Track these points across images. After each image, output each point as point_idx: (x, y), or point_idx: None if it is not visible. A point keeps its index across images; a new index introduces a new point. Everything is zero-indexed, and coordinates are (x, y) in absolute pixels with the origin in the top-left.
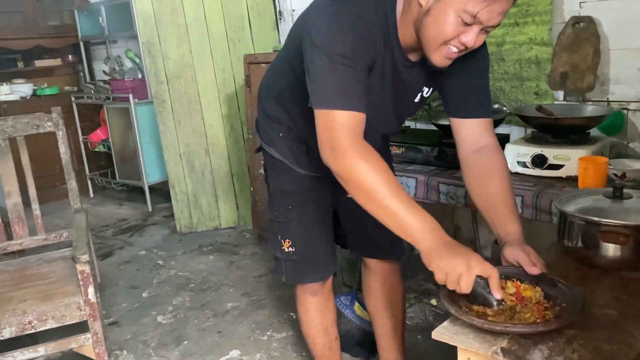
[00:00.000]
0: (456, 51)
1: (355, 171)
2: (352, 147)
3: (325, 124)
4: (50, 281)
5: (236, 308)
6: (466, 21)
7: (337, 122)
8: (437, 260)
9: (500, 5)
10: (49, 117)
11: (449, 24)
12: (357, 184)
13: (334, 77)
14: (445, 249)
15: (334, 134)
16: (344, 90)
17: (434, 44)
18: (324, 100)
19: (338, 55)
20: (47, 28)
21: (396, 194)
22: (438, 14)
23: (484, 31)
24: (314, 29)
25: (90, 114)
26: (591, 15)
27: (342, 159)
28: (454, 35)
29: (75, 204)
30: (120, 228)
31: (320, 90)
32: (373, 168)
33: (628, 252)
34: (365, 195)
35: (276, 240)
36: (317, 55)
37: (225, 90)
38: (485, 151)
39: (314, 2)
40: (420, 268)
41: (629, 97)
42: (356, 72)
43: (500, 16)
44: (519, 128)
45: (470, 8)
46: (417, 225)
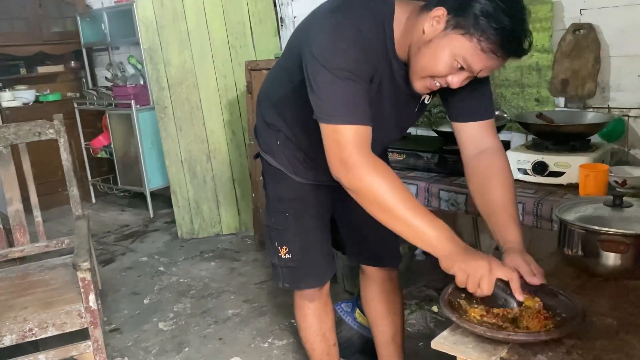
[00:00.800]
0: (439, 86)
1: (368, 186)
2: (363, 161)
3: (334, 139)
4: (51, 288)
5: (237, 315)
6: (460, 67)
7: (346, 137)
8: (459, 263)
9: (496, 63)
10: (50, 125)
11: (443, 63)
12: (370, 198)
13: (339, 92)
14: (465, 253)
15: (343, 149)
16: (350, 104)
17: (421, 73)
18: (331, 115)
19: (341, 70)
20: (50, 34)
21: (410, 205)
22: (437, 50)
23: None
24: (314, 41)
25: (92, 120)
26: (591, 22)
27: (354, 174)
28: (443, 74)
29: (77, 211)
30: (122, 234)
31: (326, 105)
32: (385, 181)
33: (628, 261)
34: (380, 208)
35: (273, 247)
36: (320, 69)
37: (226, 97)
38: (487, 154)
39: (312, 12)
40: (422, 274)
41: (630, 103)
42: (359, 85)
43: (489, 71)
44: (520, 135)
45: (469, 59)
46: (433, 234)
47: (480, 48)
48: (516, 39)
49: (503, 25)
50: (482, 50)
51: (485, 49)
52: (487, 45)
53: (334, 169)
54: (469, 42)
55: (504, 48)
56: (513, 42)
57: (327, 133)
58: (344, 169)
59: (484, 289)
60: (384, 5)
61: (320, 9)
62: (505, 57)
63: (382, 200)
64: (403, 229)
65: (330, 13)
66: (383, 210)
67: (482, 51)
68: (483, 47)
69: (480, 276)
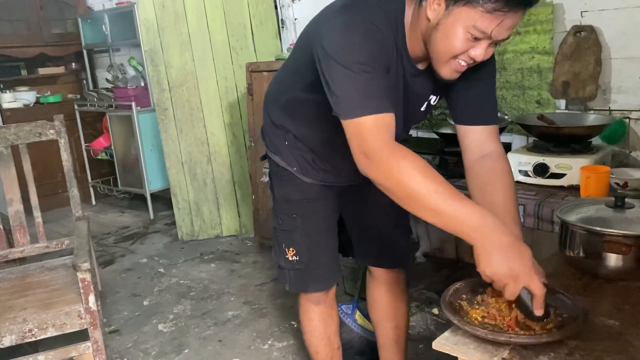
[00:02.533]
0: (465, 65)
1: (394, 173)
2: (386, 148)
3: (355, 132)
4: (51, 289)
5: (237, 317)
6: (476, 36)
7: (366, 128)
8: (484, 266)
9: (510, 20)
10: (51, 125)
11: (458, 39)
12: (401, 190)
13: (355, 86)
14: (498, 251)
15: (364, 140)
16: (368, 97)
17: (443, 58)
18: (350, 110)
19: (356, 64)
20: (51, 36)
21: (442, 191)
22: (447, 29)
23: (493, 44)
24: (326, 40)
25: (92, 121)
26: (592, 24)
27: (378, 164)
28: (462, 50)
29: (77, 212)
30: (122, 236)
31: (344, 101)
32: (412, 166)
33: (630, 262)
34: (409, 197)
35: (280, 249)
36: (335, 66)
37: (227, 98)
38: (489, 158)
39: (321, 12)
40: (422, 277)
41: (631, 106)
42: (376, 75)
43: (510, 30)
44: (521, 137)
45: (479, 25)
46: (468, 223)
47: (486, 10)
48: None
49: None
50: (488, 12)
51: (491, 9)
52: (491, 5)
53: (359, 163)
54: (473, 10)
55: (509, 2)
56: None
57: (349, 129)
58: (368, 161)
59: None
60: (395, 2)
61: (328, 8)
62: (515, 10)
63: (409, 187)
64: (434, 217)
65: (340, 11)
66: (411, 198)
67: (489, 12)
68: (488, 9)
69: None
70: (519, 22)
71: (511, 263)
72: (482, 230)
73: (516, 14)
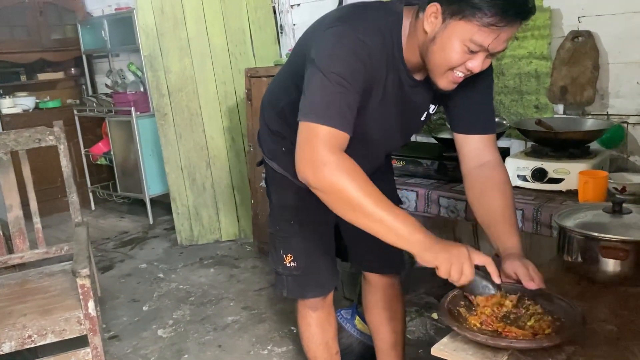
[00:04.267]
0: (462, 76)
1: (335, 184)
2: (331, 160)
3: (307, 137)
4: (50, 295)
5: (236, 322)
6: (472, 50)
7: (319, 137)
8: (442, 252)
9: (506, 34)
10: (50, 131)
11: (454, 52)
12: (338, 196)
13: (324, 93)
14: (441, 244)
15: (314, 149)
16: (333, 108)
17: (440, 70)
18: (310, 114)
19: (334, 74)
20: (50, 42)
21: (379, 201)
22: (444, 42)
23: (490, 56)
24: (316, 47)
25: (92, 126)
26: (590, 29)
27: (321, 173)
28: (459, 62)
29: (76, 217)
30: (121, 241)
31: (308, 104)
32: (353, 179)
33: (628, 267)
34: (348, 206)
35: (278, 255)
36: (314, 71)
37: (226, 103)
38: (487, 167)
39: (318, 20)
40: (422, 281)
41: (629, 110)
42: (349, 94)
43: (506, 42)
44: (519, 141)
45: (476, 39)
46: (407, 229)
47: (482, 24)
48: (513, 3)
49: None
50: (484, 26)
51: (487, 24)
52: (487, 20)
53: (300, 167)
54: (469, 24)
55: (504, 16)
56: (511, 8)
57: (302, 130)
58: (311, 168)
59: (467, 275)
60: (392, 15)
61: (326, 17)
62: (511, 24)
63: (350, 197)
64: (374, 226)
65: (336, 22)
66: (352, 208)
67: (486, 27)
68: (484, 23)
69: (461, 263)
70: (515, 34)
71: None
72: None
73: (512, 28)
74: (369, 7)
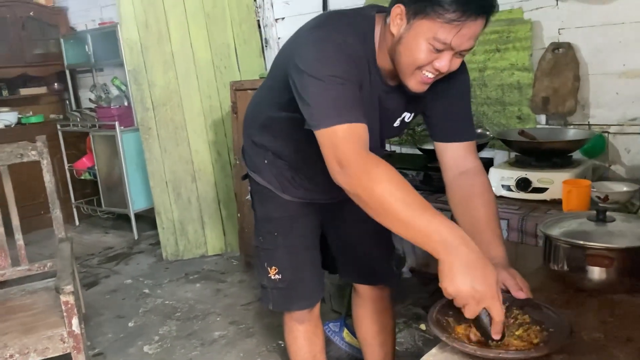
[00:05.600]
0: (431, 76)
1: (366, 181)
2: (359, 157)
3: (328, 141)
4: (33, 313)
5: (224, 337)
6: (438, 48)
7: (339, 137)
8: (447, 282)
9: (468, 30)
10: (33, 146)
11: (420, 52)
12: (368, 194)
13: (329, 97)
14: (463, 268)
15: (338, 149)
16: (341, 106)
17: (408, 70)
18: (323, 120)
19: (329, 76)
20: (33, 56)
21: (413, 203)
22: (409, 42)
23: (458, 55)
24: (299, 57)
25: (76, 141)
26: (570, 41)
27: (350, 171)
28: (426, 61)
29: (60, 233)
30: (106, 256)
31: (317, 112)
32: (384, 175)
33: (613, 275)
34: (379, 205)
35: (262, 268)
36: (308, 79)
37: (211, 117)
38: (469, 174)
39: (296, 31)
40: (409, 292)
41: (609, 120)
42: (349, 88)
43: (472, 40)
44: (503, 152)
45: (440, 36)
46: (436, 237)
47: (444, 21)
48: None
49: None
50: (446, 22)
51: (449, 20)
52: (449, 16)
53: (332, 172)
54: (432, 22)
55: (465, 11)
56: (472, 2)
57: (323, 138)
58: (341, 170)
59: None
60: (365, 20)
61: (302, 28)
62: (473, 20)
63: (381, 199)
64: (406, 230)
65: (313, 29)
66: (384, 211)
67: (447, 23)
68: (446, 19)
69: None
70: (480, 31)
71: (475, 283)
72: (449, 245)
73: (475, 23)
74: (344, 13)
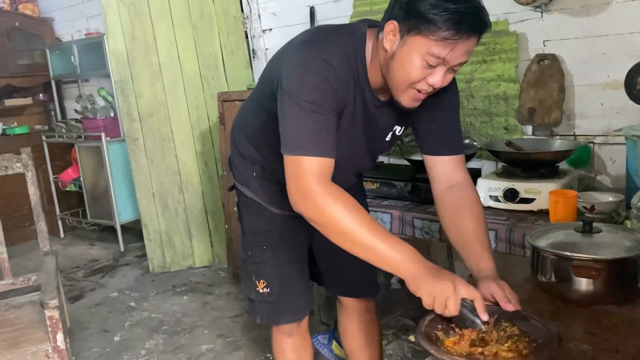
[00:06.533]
0: (424, 92)
1: (327, 213)
2: (321, 190)
3: (294, 170)
4: (16, 328)
5: (211, 350)
6: (431, 63)
7: (305, 168)
8: (425, 285)
9: (463, 46)
10: (17, 158)
11: (414, 68)
12: (331, 225)
13: (302, 124)
14: (430, 274)
15: (302, 180)
16: (312, 137)
17: (401, 87)
18: (293, 147)
19: (306, 103)
20: (18, 67)
21: (371, 229)
22: (403, 59)
23: (451, 70)
24: (284, 75)
25: (61, 153)
26: (555, 52)
27: (313, 203)
28: (420, 78)
29: (45, 246)
30: (92, 269)
31: (289, 137)
32: (345, 207)
33: (600, 286)
34: (342, 235)
35: (250, 281)
36: (288, 101)
37: (199, 128)
38: (458, 188)
39: (284, 45)
40: (398, 303)
41: (594, 131)
42: (325, 118)
43: (466, 55)
44: (490, 162)
45: (434, 51)
46: (398, 257)
47: (438, 39)
48: (467, 17)
49: (449, 10)
50: (441, 40)
51: (442, 38)
52: (442, 34)
53: (293, 200)
54: (425, 39)
55: (458, 30)
56: (465, 21)
57: (288, 164)
58: (302, 200)
59: (450, 310)
60: (354, 37)
61: (291, 42)
62: (466, 38)
63: (342, 226)
64: (367, 254)
65: (300, 46)
66: (345, 238)
67: (442, 41)
68: (439, 37)
69: (445, 297)
70: (474, 47)
71: (446, 278)
72: (411, 261)
73: (468, 41)
74: (334, 30)
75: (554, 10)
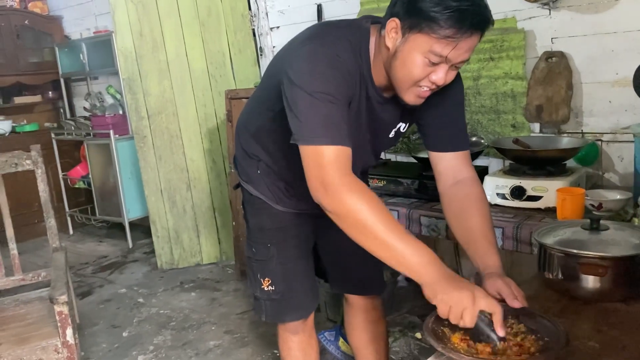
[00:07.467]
0: (427, 90)
1: (348, 208)
2: (344, 183)
3: (314, 160)
4: (26, 323)
5: (219, 346)
6: (433, 61)
7: (326, 158)
8: (442, 294)
9: (465, 43)
10: (27, 156)
11: (416, 66)
12: (351, 220)
13: (318, 114)
14: (448, 282)
15: (323, 170)
16: (330, 126)
17: (404, 85)
18: (311, 137)
19: (320, 93)
20: (27, 65)
21: (391, 227)
22: (405, 57)
23: (453, 67)
24: (292, 68)
25: (70, 150)
26: (563, 50)
27: (334, 196)
28: (422, 76)
29: (54, 243)
30: (100, 265)
31: (305, 127)
32: (367, 203)
33: (607, 283)
34: (360, 229)
35: (255, 279)
36: (299, 93)
37: (206, 125)
38: (463, 184)
39: (289, 42)
40: (405, 301)
41: (602, 128)
42: (339, 107)
43: (468, 53)
44: (497, 160)
45: (436, 49)
46: (417, 259)
47: (439, 37)
48: (469, 14)
49: (450, 8)
50: (442, 38)
51: (444, 36)
52: (444, 32)
53: (313, 190)
54: (427, 36)
55: (460, 27)
56: (466, 19)
57: (307, 155)
58: (324, 191)
59: (466, 322)
60: (359, 32)
61: (296, 38)
62: (469, 35)
63: (363, 222)
64: (385, 253)
65: (306, 41)
66: (364, 233)
67: (444, 38)
68: (441, 35)
69: (463, 308)
70: (476, 44)
71: (465, 288)
72: (430, 265)
73: (470, 39)
74: (337, 25)
75: (562, 7)
